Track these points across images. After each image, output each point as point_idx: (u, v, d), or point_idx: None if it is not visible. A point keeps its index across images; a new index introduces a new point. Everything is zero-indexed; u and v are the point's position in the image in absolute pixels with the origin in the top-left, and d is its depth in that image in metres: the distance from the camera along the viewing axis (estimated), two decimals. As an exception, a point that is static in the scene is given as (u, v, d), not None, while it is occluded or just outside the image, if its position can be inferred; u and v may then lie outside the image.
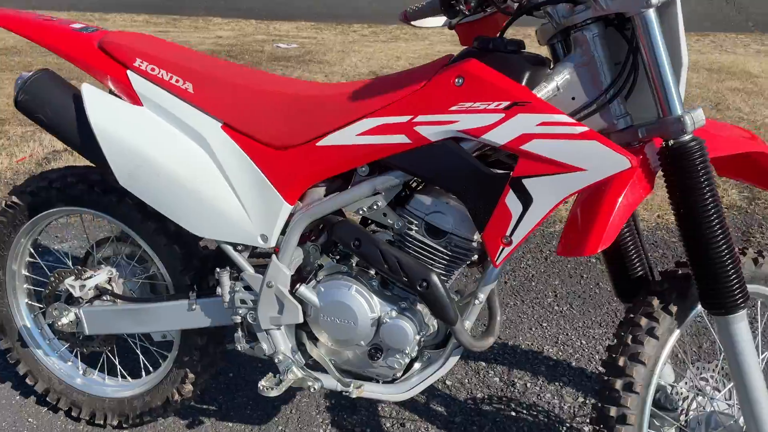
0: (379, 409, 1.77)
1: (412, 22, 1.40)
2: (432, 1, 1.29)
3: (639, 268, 1.38)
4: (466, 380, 1.86)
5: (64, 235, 2.57)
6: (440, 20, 1.39)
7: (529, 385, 1.83)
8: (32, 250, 1.65)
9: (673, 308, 1.25)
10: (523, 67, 1.19)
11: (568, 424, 1.71)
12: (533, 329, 2.08)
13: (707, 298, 1.19)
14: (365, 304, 1.31)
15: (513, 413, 1.74)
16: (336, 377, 1.37)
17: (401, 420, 1.73)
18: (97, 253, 1.62)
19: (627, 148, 1.18)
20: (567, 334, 2.05)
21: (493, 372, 1.89)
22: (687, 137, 1.13)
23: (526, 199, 1.16)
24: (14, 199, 1.55)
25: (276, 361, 1.39)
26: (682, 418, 1.37)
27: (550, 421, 1.72)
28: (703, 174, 1.14)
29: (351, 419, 1.74)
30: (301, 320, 1.35)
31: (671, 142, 1.14)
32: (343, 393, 1.36)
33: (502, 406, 1.76)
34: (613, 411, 1.21)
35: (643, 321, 1.24)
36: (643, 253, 1.39)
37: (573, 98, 1.20)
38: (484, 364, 1.92)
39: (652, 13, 1.10)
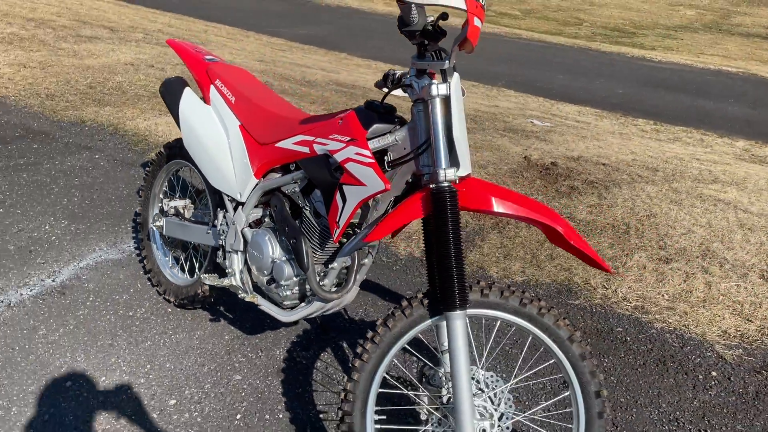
0: (323, 353, 2.52)
1: (384, 89, 2.19)
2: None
3: None
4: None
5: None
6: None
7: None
8: (167, 183, 2.81)
9: (426, 301, 1.80)
10: (373, 121, 1.89)
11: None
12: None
13: (441, 297, 1.74)
14: (270, 247, 2.13)
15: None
16: (247, 290, 2.22)
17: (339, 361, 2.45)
18: (197, 194, 2.73)
19: (422, 186, 1.81)
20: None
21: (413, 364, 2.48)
22: (444, 185, 1.72)
23: (344, 198, 1.87)
24: (161, 149, 2.72)
25: (228, 272, 2.29)
26: (444, 395, 1.87)
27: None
28: (450, 209, 1.71)
29: (303, 354, 2.53)
30: (242, 249, 2.23)
31: (432, 185, 1.74)
32: (243, 296, 2.20)
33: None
34: (359, 349, 1.82)
35: (404, 302, 1.83)
36: None
37: (405, 148, 1.87)
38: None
39: (437, 101, 1.73)
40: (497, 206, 1.75)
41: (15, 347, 2.45)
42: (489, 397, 1.85)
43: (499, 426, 1.82)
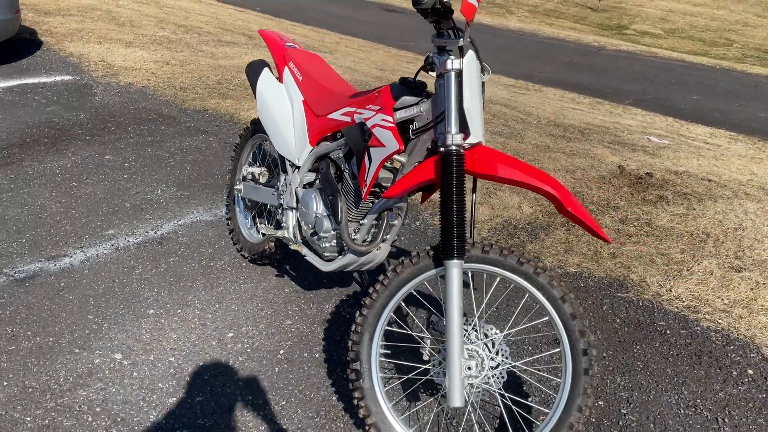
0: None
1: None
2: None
3: None
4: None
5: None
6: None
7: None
8: (251, 154, 3.24)
9: (432, 253, 2.05)
10: (402, 94, 2.18)
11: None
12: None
13: (441, 247, 1.98)
14: (314, 204, 2.47)
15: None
16: (297, 241, 2.57)
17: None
18: (274, 165, 3.14)
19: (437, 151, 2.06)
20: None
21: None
22: (452, 148, 1.97)
23: (370, 159, 2.17)
24: (248, 125, 3.17)
25: (283, 225, 2.65)
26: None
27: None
28: (455, 169, 1.94)
29: (348, 309, 2.84)
30: (295, 206, 2.59)
31: (442, 148, 1.99)
32: (291, 245, 2.55)
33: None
34: (370, 289, 2.11)
35: (414, 252, 2.09)
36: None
37: (427, 118, 2.14)
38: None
39: (452, 74, 1.98)
40: (501, 171, 1.96)
41: (115, 280, 2.97)
42: (485, 344, 2.06)
43: (491, 371, 2.02)
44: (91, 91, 5.44)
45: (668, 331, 2.84)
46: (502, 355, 2.07)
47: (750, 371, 2.60)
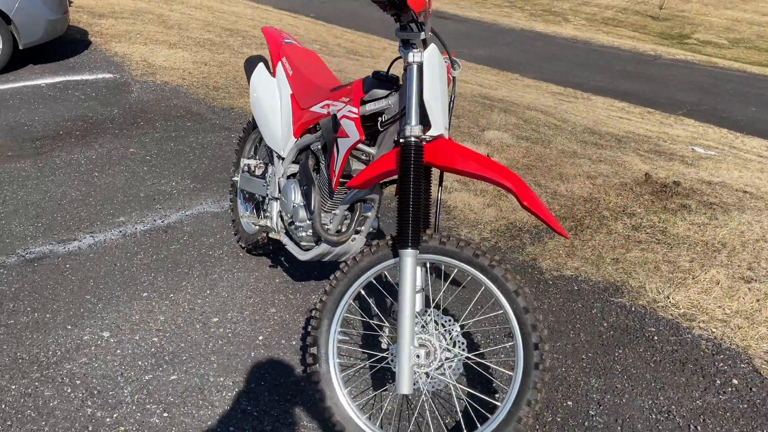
0: (347, 303, 2.88)
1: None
2: None
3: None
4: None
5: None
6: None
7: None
8: (253, 146, 3.35)
9: (391, 243, 2.09)
10: (372, 86, 2.23)
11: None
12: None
13: (397, 237, 2.02)
14: (293, 194, 2.55)
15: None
16: (278, 230, 2.65)
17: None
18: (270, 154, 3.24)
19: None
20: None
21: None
22: (411, 139, 2.01)
23: (338, 149, 2.24)
24: (250, 119, 3.28)
25: (266, 215, 2.74)
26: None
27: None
28: (413, 160, 1.99)
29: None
30: (278, 196, 2.68)
31: (402, 140, 2.03)
32: (272, 234, 2.64)
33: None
34: (331, 277, 2.16)
35: (374, 242, 2.14)
36: (432, 213, 2.17)
37: (396, 110, 2.19)
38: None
39: (414, 67, 2.03)
40: (460, 164, 1.99)
41: (117, 264, 3.13)
42: (440, 334, 2.08)
43: (446, 361, 2.05)
44: (128, 89, 5.71)
45: (656, 337, 2.79)
46: (459, 347, 2.09)
47: (735, 381, 2.54)
